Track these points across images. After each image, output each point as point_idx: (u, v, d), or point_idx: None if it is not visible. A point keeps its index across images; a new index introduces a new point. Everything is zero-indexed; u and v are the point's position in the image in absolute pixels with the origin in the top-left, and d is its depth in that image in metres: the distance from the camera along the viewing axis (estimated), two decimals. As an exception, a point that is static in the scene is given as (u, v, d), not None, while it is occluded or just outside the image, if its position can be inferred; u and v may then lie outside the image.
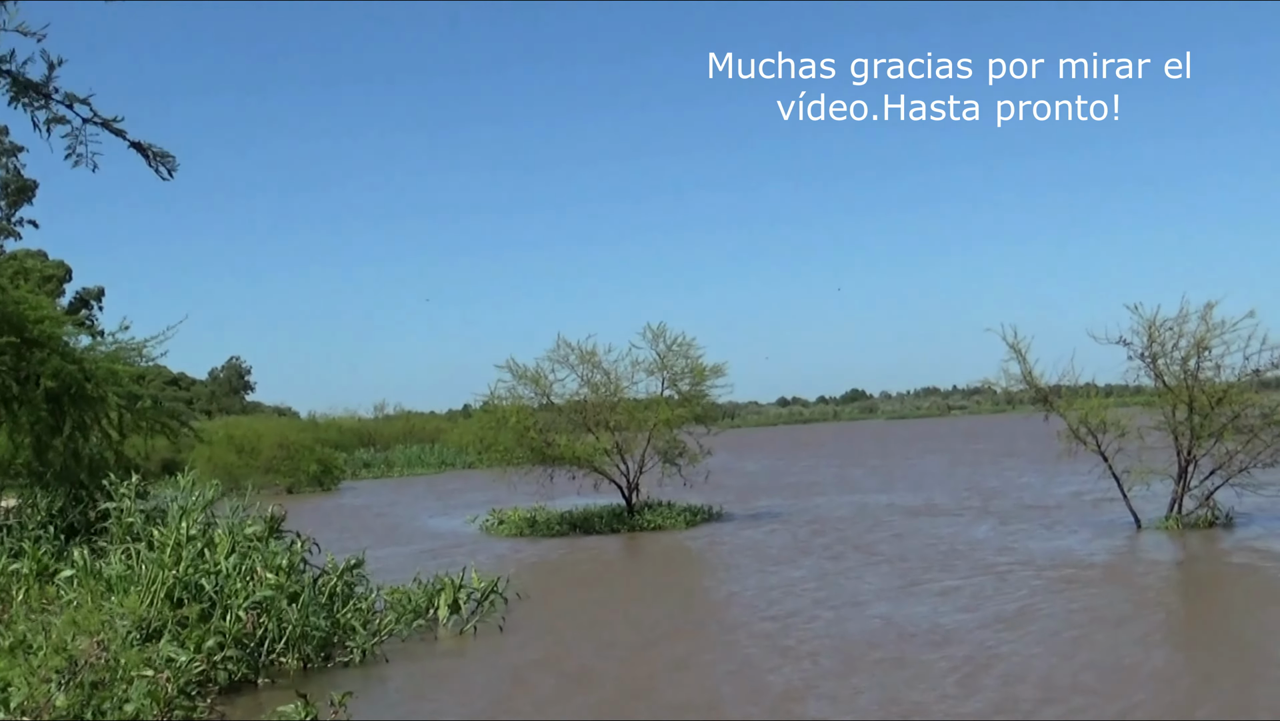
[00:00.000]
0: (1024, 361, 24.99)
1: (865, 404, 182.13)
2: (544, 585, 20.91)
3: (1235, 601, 17.13)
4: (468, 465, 59.48)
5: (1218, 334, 23.48)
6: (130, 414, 21.88)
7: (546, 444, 29.17)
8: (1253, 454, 23.60)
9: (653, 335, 30.31)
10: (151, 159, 12.03)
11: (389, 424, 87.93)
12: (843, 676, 13.06)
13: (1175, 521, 24.06)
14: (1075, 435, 24.67)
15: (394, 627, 15.95)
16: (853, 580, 19.96)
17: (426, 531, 31.97)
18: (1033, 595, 17.59)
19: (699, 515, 30.55)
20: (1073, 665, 13.07)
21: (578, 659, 14.70)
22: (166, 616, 13.53)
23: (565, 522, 29.81)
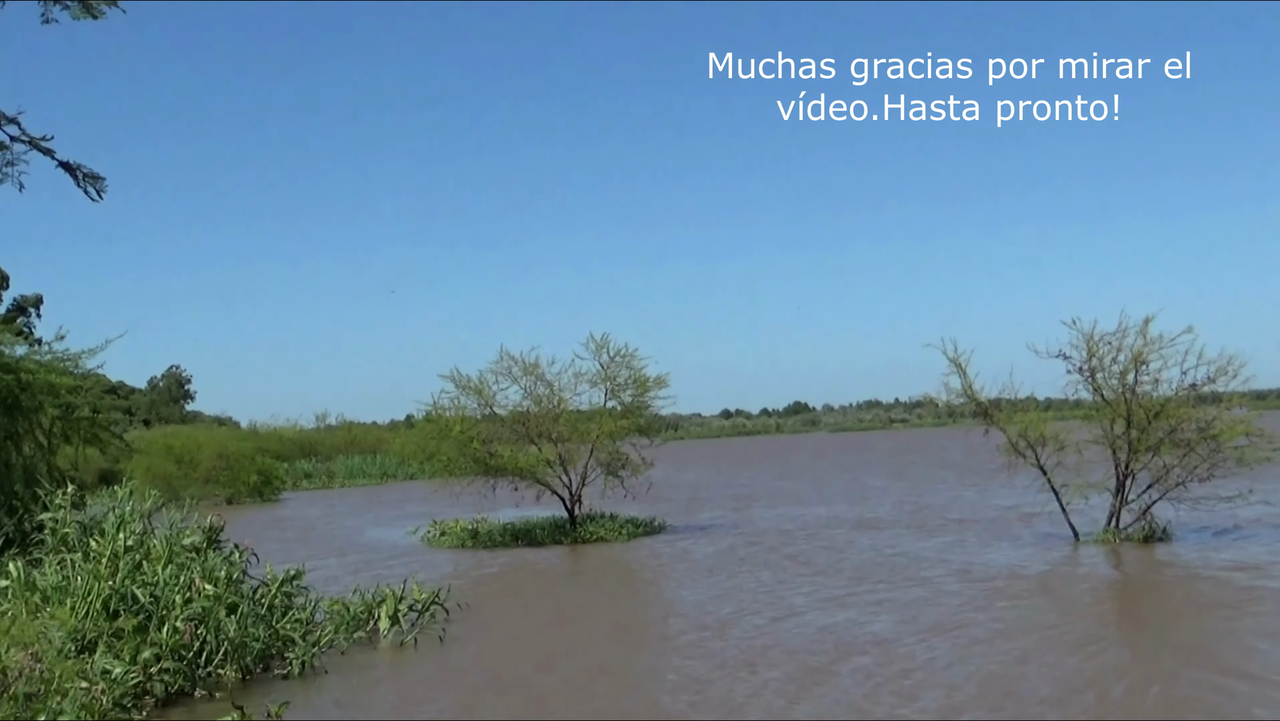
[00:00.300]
0: (964, 375, 25.15)
1: (808, 416, 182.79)
2: (485, 597, 20.86)
3: (1168, 612, 17.33)
4: (410, 476, 59.30)
5: (1155, 349, 23.71)
6: (64, 424, 21.69)
7: (489, 455, 29.11)
8: (1189, 468, 23.82)
9: (596, 346, 30.36)
10: (80, 180, 11.94)
11: (331, 434, 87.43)
12: (779, 685, 13.14)
13: (1113, 535, 24.27)
14: (1015, 449, 24.84)
15: (333, 639, 15.88)
16: (790, 591, 20.06)
17: (367, 543, 31.83)
18: (968, 606, 17.75)
19: (641, 527, 30.57)
20: (1007, 673, 13.22)
21: (518, 670, 14.69)
22: (102, 628, 13.42)
23: (507, 534, 29.75)
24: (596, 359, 30.44)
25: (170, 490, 40.99)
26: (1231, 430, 23.37)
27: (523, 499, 31.08)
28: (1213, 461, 23.64)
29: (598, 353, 30.37)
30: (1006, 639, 15.24)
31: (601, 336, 30.33)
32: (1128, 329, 23.89)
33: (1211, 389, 23.79)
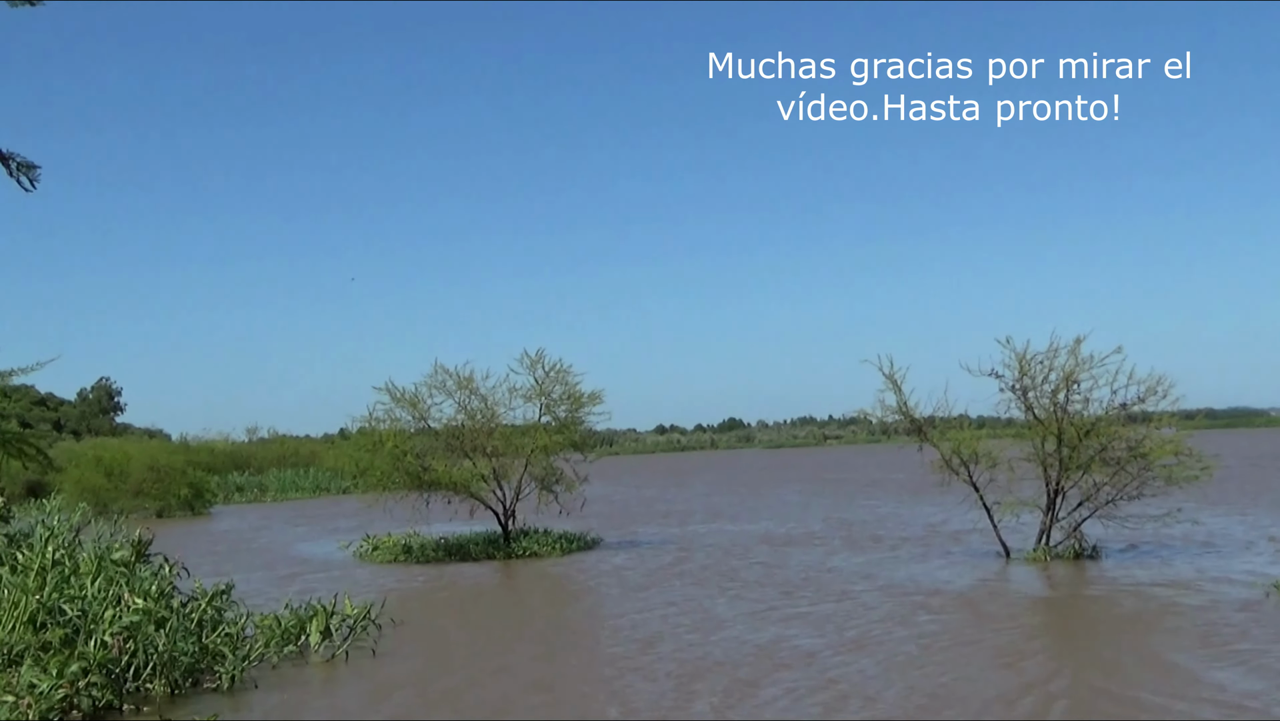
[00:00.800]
0: (899, 392, 25.30)
1: (742, 433, 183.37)
2: (418, 612, 20.77)
3: (1091, 629, 17.47)
4: (343, 490, 59.00)
5: (1086, 368, 23.97)
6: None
7: (423, 469, 29.01)
8: (1119, 486, 24.08)
9: (530, 362, 30.32)
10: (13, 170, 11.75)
11: (263, 447, 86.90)
12: (709, 698, 13.18)
13: (1043, 552, 24.47)
14: (948, 465, 25.01)
15: (264, 653, 15.77)
16: (720, 606, 20.16)
17: (299, 557, 31.63)
18: (895, 621, 17.91)
19: (574, 543, 30.54)
20: (930, 686, 13.36)
21: (448, 684, 14.65)
22: (29, 641, 13.29)
23: (440, 549, 29.64)
24: (531, 374, 30.44)
25: (100, 503, 40.68)
26: (1160, 449, 23.64)
27: (456, 513, 30.97)
28: (1142, 480, 23.92)
29: (532, 367, 30.37)
30: (931, 653, 15.38)
31: (536, 351, 30.37)
32: (1059, 348, 24.18)
33: (1141, 408, 24.06)
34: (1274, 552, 24.31)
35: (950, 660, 14.99)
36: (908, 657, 15.15)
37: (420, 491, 29.41)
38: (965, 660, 15.05)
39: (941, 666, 14.63)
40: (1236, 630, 16.16)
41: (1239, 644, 15.20)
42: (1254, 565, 22.47)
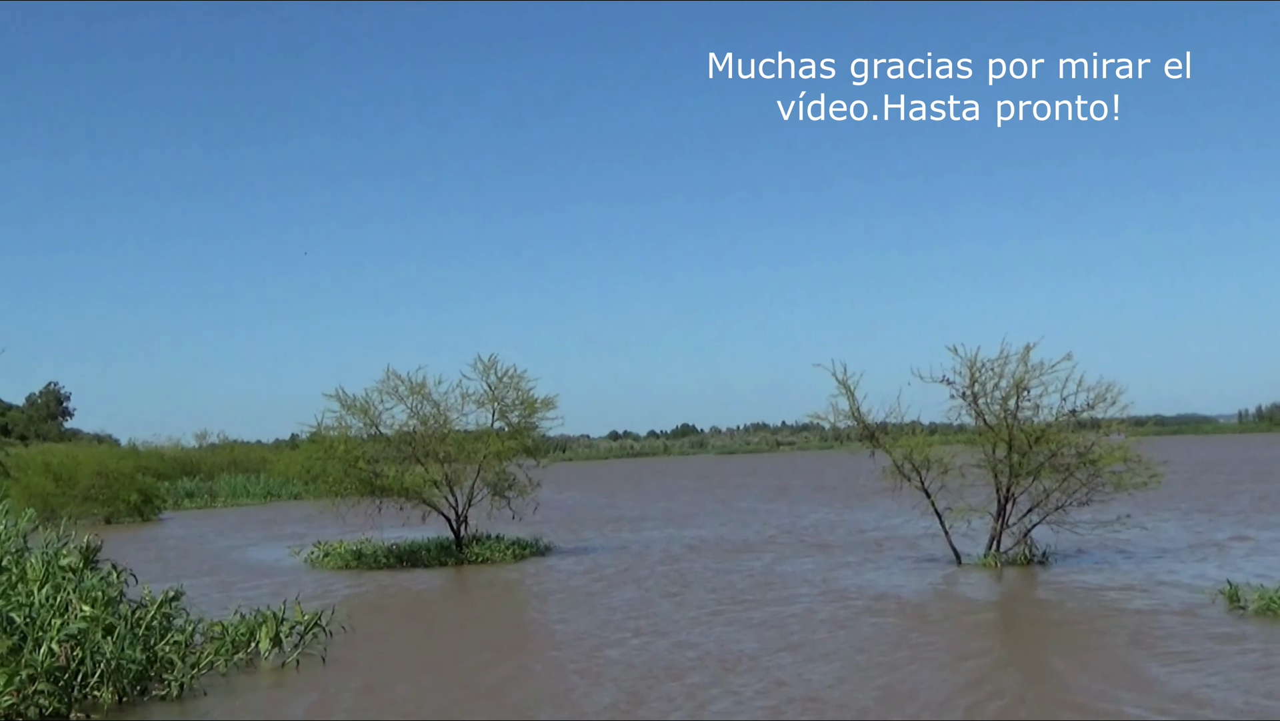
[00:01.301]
0: (852, 398, 25.34)
1: (695, 438, 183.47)
2: (369, 618, 20.68)
3: (1041, 633, 17.59)
4: (294, 496, 58.69)
5: (1036, 375, 24.10)
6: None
7: (375, 475, 28.88)
8: (1068, 492, 24.24)
9: (484, 367, 30.24)
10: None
11: (213, 453, 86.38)
12: (652, 702, 13.18)
13: (994, 558, 24.61)
14: (899, 471, 25.11)
15: (213, 660, 15.65)
16: (670, 611, 20.24)
17: (250, 563, 31.43)
18: (843, 626, 18.03)
19: (527, 549, 30.49)
20: (875, 689, 13.46)
21: (399, 692, 14.59)
22: (-25, 650, 13.13)
23: (392, 555, 29.52)
24: (484, 379, 30.36)
25: (48, 509, 40.28)
26: (1110, 456, 23.81)
27: (408, 519, 30.87)
28: (1091, 486, 24.10)
29: (485, 373, 30.29)
30: (878, 657, 15.48)
31: (489, 357, 30.28)
32: (1009, 355, 24.28)
33: (1090, 415, 24.23)
34: (1220, 557, 24.53)
35: (897, 664, 15.07)
36: (855, 661, 15.25)
37: (372, 497, 29.28)
38: (912, 664, 15.13)
39: (888, 670, 14.71)
40: (1181, 634, 16.32)
41: (1182, 648, 15.34)
42: (1201, 570, 22.67)
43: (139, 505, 52.53)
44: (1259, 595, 18.02)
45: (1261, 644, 15.52)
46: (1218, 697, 12.61)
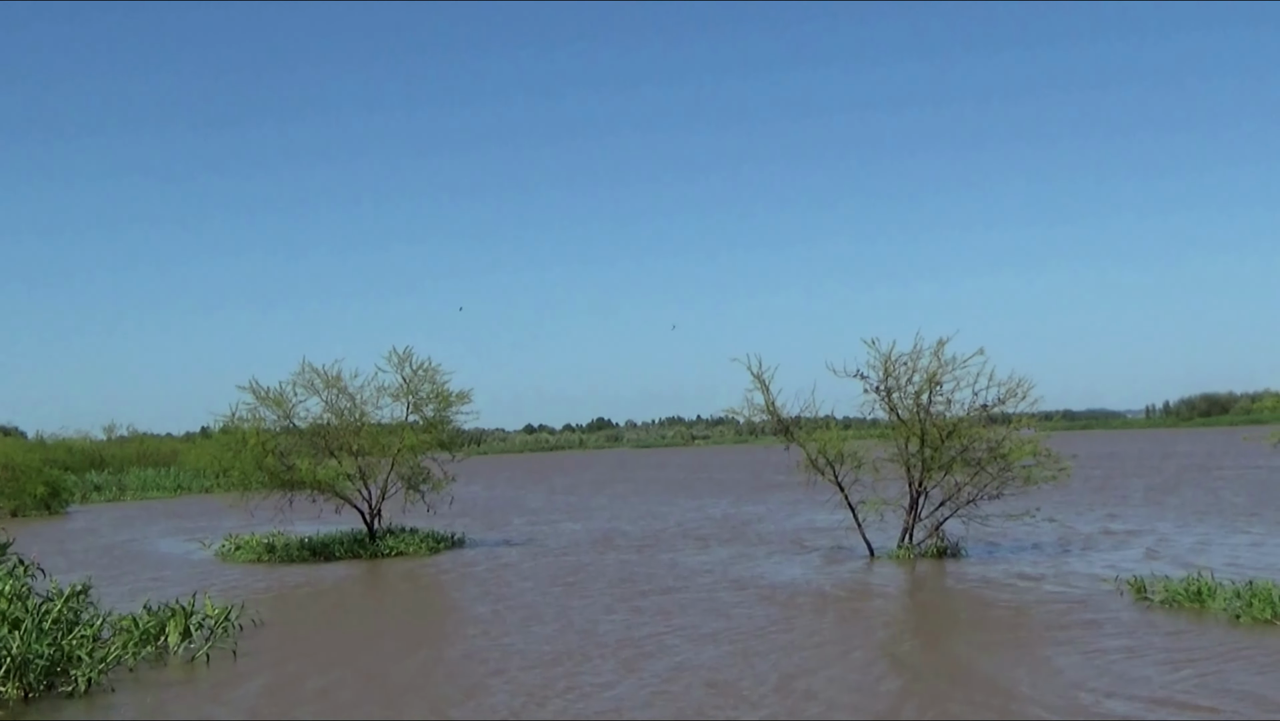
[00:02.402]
0: (767, 392, 25.42)
1: (610, 432, 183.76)
2: (281, 612, 20.53)
3: (948, 624, 17.77)
4: (205, 489, 58.18)
5: (949, 370, 24.32)
6: None
7: (287, 468, 28.63)
8: (980, 486, 24.49)
9: (398, 360, 30.09)
10: None
11: (122, 445, 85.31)
12: (563, 695, 13.15)
13: (906, 551, 24.81)
14: (814, 465, 25.23)
15: (121, 655, 15.44)
16: (580, 602, 20.37)
17: (159, 557, 31.06)
18: (753, 618, 18.15)
19: (441, 542, 30.37)
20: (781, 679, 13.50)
21: (311, 685, 14.47)
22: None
23: (305, 549, 29.29)
24: (399, 372, 30.21)
25: (-49, 502, 39.57)
26: (1020, 450, 24.09)
27: (322, 512, 30.68)
28: (1002, 480, 24.35)
29: (400, 366, 30.14)
30: (788, 649, 15.59)
31: (404, 350, 30.13)
32: (923, 350, 24.46)
33: (1001, 410, 24.48)
34: (1126, 549, 24.87)
35: (803, 652, 15.24)
36: (764, 653, 15.33)
37: (284, 491, 29.03)
38: (819, 652, 15.32)
39: (794, 659, 14.86)
40: (1086, 625, 16.53)
41: (1089, 639, 15.53)
42: (1107, 561, 22.99)
43: (46, 499, 51.73)
44: (1164, 587, 18.32)
45: (1168, 635, 15.75)
46: (1122, 689, 12.78)
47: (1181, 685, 12.81)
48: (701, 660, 15.04)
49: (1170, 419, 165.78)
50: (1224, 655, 14.31)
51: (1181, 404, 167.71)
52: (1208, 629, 16.04)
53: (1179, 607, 17.51)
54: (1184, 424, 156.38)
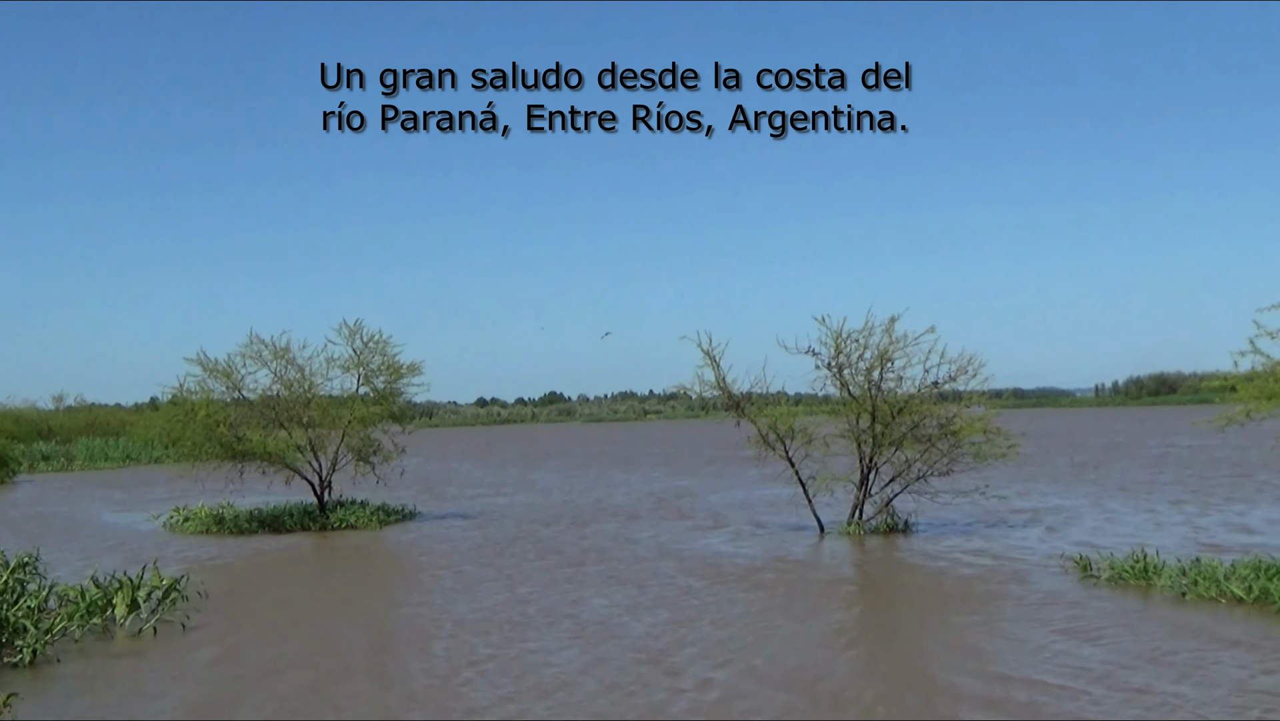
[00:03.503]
0: (717, 368, 25.43)
1: (563, 406, 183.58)
2: (229, 584, 20.43)
3: (895, 599, 17.88)
4: (154, 460, 57.84)
5: (900, 347, 24.38)
6: None
7: (237, 439, 28.46)
8: (930, 462, 24.62)
9: (349, 332, 29.95)
10: None
11: (70, 416, 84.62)
12: (503, 665, 13.15)
13: (857, 526, 24.92)
14: (764, 441, 25.28)
15: (67, 626, 15.34)
16: (530, 575, 20.45)
17: (107, 528, 30.86)
18: (695, 591, 18.28)
19: (391, 514, 30.31)
20: (729, 654, 13.50)
21: (258, 657, 14.40)
22: None
23: (254, 520, 29.15)
24: (349, 344, 30.07)
25: (-105, 471, 39.21)
26: (970, 427, 24.20)
27: (271, 484, 30.55)
28: (952, 457, 24.50)
29: (350, 338, 30.01)
30: (738, 623, 15.66)
31: (355, 322, 29.99)
32: (874, 327, 24.51)
33: (952, 387, 24.61)
34: (1071, 526, 25.05)
35: (749, 625, 15.32)
36: (712, 627, 15.40)
37: (234, 462, 28.88)
38: (765, 626, 15.44)
39: (740, 632, 14.95)
40: (1031, 601, 16.66)
41: (1031, 614, 15.64)
42: (1053, 538, 23.16)
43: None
44: (1109, 565, 18.48)
45: (1113, 613, 15.88)
46: (1072, 663, 12.88)
47: (1119, 660, 12.92)
48: (643, 632, 15.14)
49: (1119, 398, 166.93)
50: (1174, 634, 14.45)
51: (1130, 383, 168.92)
52: (1153, 607, 16.17)
53: (1125, 585, 17.66)
54: (1133, 403, 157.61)
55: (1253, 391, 16.81)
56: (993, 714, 10.94)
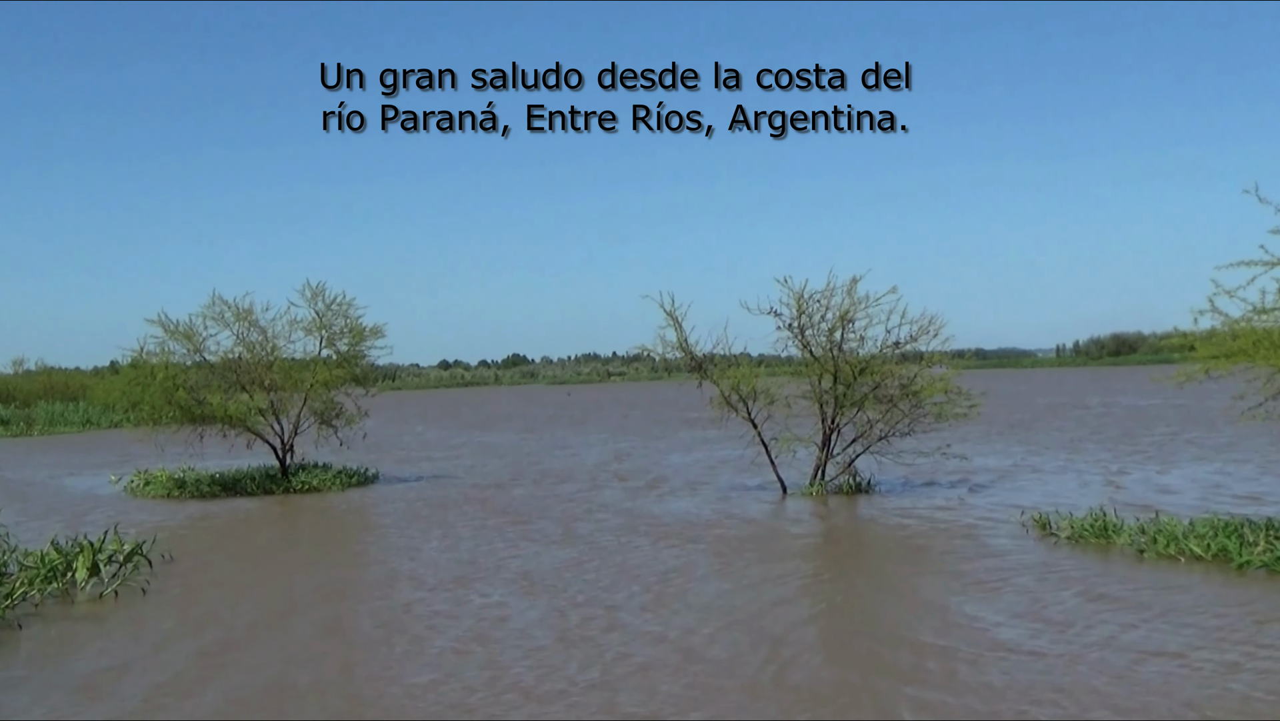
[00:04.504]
0: (679, 329, 25.41)
1: (526, 369, 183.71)
2: (191, 548, 20.35)
3: (856, 559, 17.95)
4: (114, 424, 57.56)
5: (862, 307, 24.41)
6: None
7: (197, 402, 28.30)
8: (891, 423, 24.71)
9: (311, 294, 29.83)
10: None
11: (29, 380, 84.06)
12: (468, 626, 13.15)
13: (819, 487, 25.00)
14: (727, 402, 25.33)
15: (27, 591, 15.27)
16: (493, 538, 20.40)
17: (67, 492, 30.72)
18: (655, 552, 18.30)
19: (354, 477, 30.26)
20: (693, 617, 13.46)
21: (222, 622, 14.36)
22: None
23: (215, 484, 29.05)
24: (312, 306, 29.95)
25: None
26: (931, 387, 24.32)
27: (233, 447, 30.45)
28: (913, 417, 24.60)
29: (313, 300, 29.88)
30: (698, 584, 15.64)
31: (317, 284, 29.85)
32: (835, 288, 24.54)
33: (913, 347, 24.66)
34: (1032, 485, 25.22)
35: (714, 591, 15.27)
36: (675, 590, 15.37)
37: (194, 425, 28.73)
38: (726, 586, 15.49)
39: (707, 596, 14.92)
40: (991, 561, 16.75)
41: (992, 576, 15.72)
42: (1015, 497, 23.30)
43: (-50, 433, 51.07)
44: (1068, 523, 18.60)
45: (1072, 571, 16.00)
46: (1023, 625, 12.98)
47: (1078, 613, 13.03)
48: (603, 592, 15.20)
49: (1080, 358, 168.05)
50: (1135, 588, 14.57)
51: (1091, 343, 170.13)
52: (1112, 565, 16.30)
53: (1085, 543, 17.80)
54: (1093, 363, 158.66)
55: (1211, 350, 16.91)
56: (943, 662, 11.01)
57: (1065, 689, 10.22)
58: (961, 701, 9.99)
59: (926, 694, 10.25)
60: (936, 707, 9.84)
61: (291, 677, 11.54)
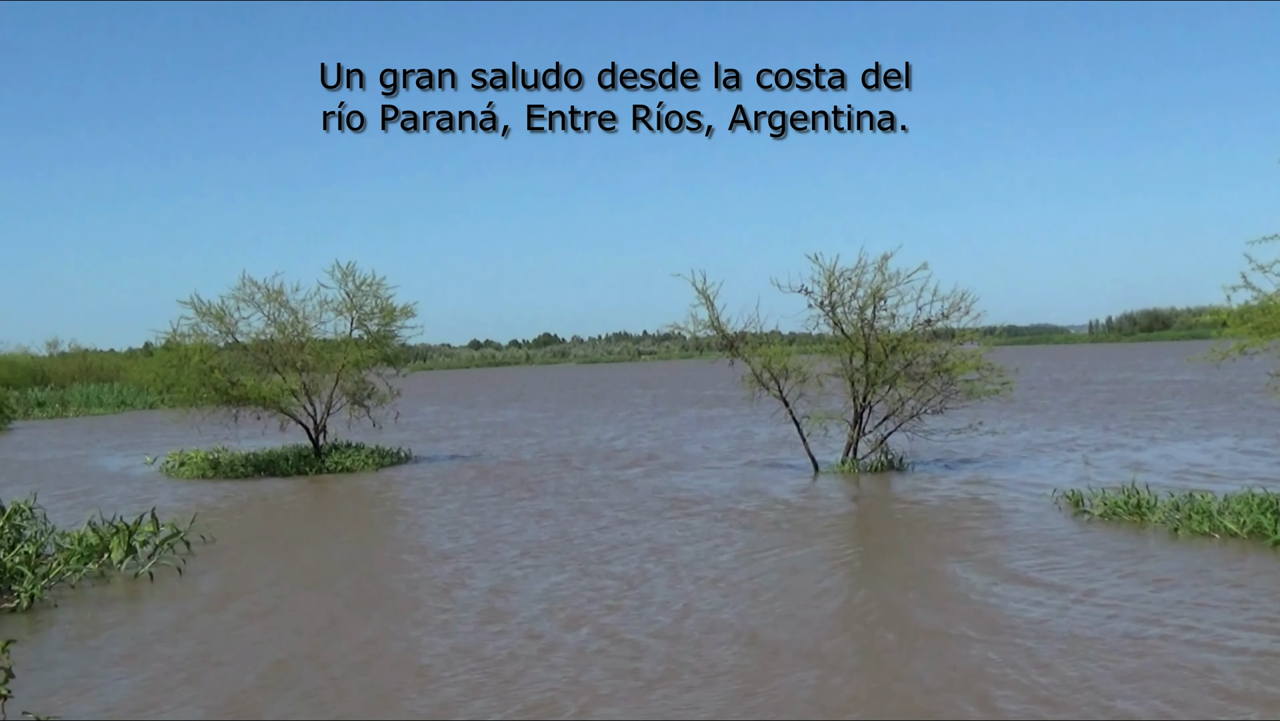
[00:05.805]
0: (711, 307, 25.38)
1: (557, 348, 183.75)
2: (226, 529, 20.45)
3: (888, 537, 17.89)
4: (149, 405, 57.87)
5: (893, 284, 24.32)
6: None
7: (231, 384, 28.44)
8: (923, 400, 24.66)
9: (342, 274, 29.90)
10: None
11: (64, 361, 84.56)
12: (505, 608, 13.18)
13: (851, 465, 24.97)
14: (759, 380, 25.32)
15: (64, 571, 15.38)
16: (526, 518, 20.42)
17: (103, 473, 30.91)
18: (698, 533, 18.22)
19: (387, 457, 30.38)
20: (720, 595, 13.48)
21: (255, 601, 14.43)
22: None
23: (250, 465, 29.18)
24: (342, 287, 30.03)
25: (-110, 419, 39.22)
26: (963, 364, 24.25)
27: (266, 429, 30.60)
28: (945, 394, 24.55)
29: (343, 280, 29.96)
30: (730, 562, 15.64)
31: (348, 264, 29.94)
32: (867, 265, 24.46)
33: (945, 324, 24.58)
34: (1065, 462, 25.14)
35: (748, 568, 15.26)
36: (705, 566, 15.41)
37: (228, 406, 28.88)
38: (758, 565, 15.46)
39: (739, 573, 14.92)
40: (1024, 537, 16.70)
41: (1026, 553, 15.68)
42: (1046, 474, 23.23)
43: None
44: (1101, 500, 18.52)
45: (1102, 548, 15.94)
46: (1056, 601, 12.95)
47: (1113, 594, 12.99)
48: (640, 570, 15.20)
49: (1113, 334, 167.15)
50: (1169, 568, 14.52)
51: (1124, 319, 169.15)
52: (1146, 543, 16.22)
53: (1119, 521, 17.72)
54: (1126, 339, 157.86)
55: (1244, 327, 16.81)
56: (975, 630, 10.99)
57: (1135, 677, 10.19)
58: (1024, 704, 9.96)
59: (994, 690, 10.22)
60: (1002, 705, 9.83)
61: (322, 658, 11.60)
